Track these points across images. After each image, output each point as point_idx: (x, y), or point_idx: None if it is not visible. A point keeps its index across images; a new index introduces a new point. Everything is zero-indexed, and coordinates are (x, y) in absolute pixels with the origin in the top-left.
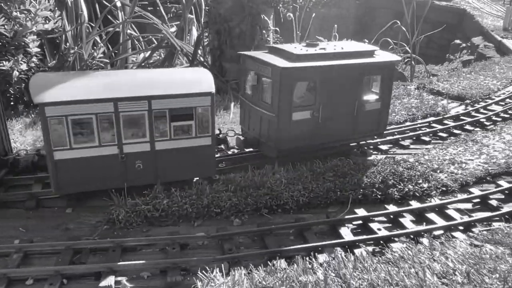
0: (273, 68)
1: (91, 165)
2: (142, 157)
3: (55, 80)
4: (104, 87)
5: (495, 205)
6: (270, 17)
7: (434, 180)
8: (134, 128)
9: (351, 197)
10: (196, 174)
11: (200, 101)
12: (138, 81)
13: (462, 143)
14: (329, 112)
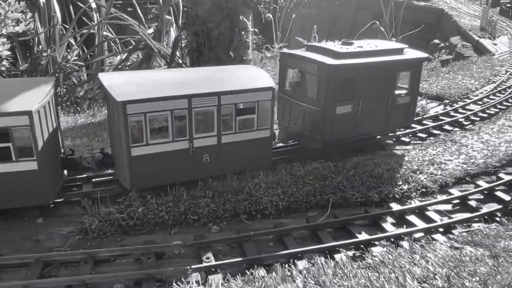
0: (320, 65)
1: (164, 160)
2: (210, 151)
3: (129, 78)
4: (178, 84)
5: (475, 206)
6: (249, 18)
7: (414, 182)
8: (204, 123)
9: (331, 200)
10: (254, 165)
11: (262, 96)
12: (208, 78)
13: (441, 144)
14: (368, 106)
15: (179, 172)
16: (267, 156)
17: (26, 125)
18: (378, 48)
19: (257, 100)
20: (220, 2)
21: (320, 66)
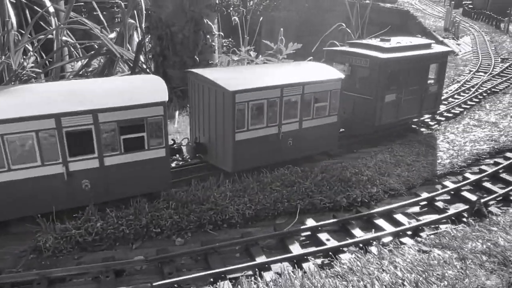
0: (372, 59)
1: (259, 144)
2: (293, 135)
3: (231, 73)
4: (271, 76)
5: (442, 207)
6: (214, 21)
7: (381, 184)
8: (289, 110)
9: (299, 206)
10: (324, 147)
11: (334, 85)
12: (293, 71)
13: (408, 144)
14: (407, 94)
15: (270, 155)
16: (334, 139)
17: (160, 115)
18: (413, 43)
19: (330, 90)
20: (184, 6)
21: (372, 60)
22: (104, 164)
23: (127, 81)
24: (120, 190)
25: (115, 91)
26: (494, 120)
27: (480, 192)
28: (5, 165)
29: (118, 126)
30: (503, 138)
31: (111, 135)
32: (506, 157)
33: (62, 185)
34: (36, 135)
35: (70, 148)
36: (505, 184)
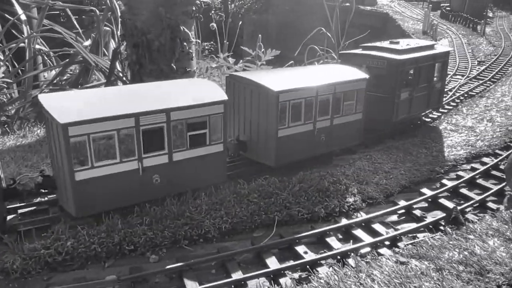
0: (389, 60)
1: (297, 140)
2: (325, 131)
3: (268, 74)
4: (308, 78)
5: (419, 215)
6: (191, 28)
7: (360, 193)
8: (323, 108)
9: (276, 218)
10: (350, 142)
11: (357, 85)
12: (324, 72)
13: (386, 151)
14: (418, 91)
15: (306, 149)
16: (360, 133)
17: (221, 113)
18: (419, 45)
19: (356, 89)
20: (160, 13)
21: (389, 61)
22: (172, 160)
23: (188, 83)
24: (183, 183)
25: (181, 91)
26: (471, 124)
27: (457, 198)
28: (89, 163)
29: (186, 124)
30: (479, 143)
31: (179, 132)
32: (482, 162)
33: (137, 180)
34: (117, 134)
35: (144, 145)
36: (482, 190)
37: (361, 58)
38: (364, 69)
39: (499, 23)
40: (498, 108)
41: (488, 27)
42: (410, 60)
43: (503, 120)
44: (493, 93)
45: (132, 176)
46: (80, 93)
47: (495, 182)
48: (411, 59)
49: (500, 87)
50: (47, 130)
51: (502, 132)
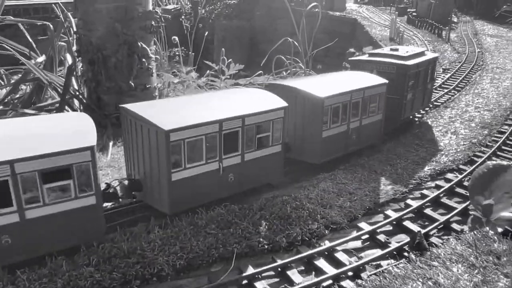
0: (398, 65)
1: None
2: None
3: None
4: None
5: (383, 241)
6: (150, 43)
7: (323, 218)
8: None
9: (235, 251)
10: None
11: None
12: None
13: (351, 169)
14: (417, 93)
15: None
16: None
17: (281, 117)
18: (416, 52)
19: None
20: (116, 28)
21: (398, 66)
22: (244, 160)
23: (246, 92)
24: (249, 181)
25: (248, 101)
26: (435, 137)
27: (421, 220)
28: (182, 165)
29: (256, 127)
30: (443, 158)
31: (250, 135)
32: (446, 179)
33: (217, 179)
34: (205, 138)
35: (224, 148)
36: (446, 210)
37: (371, 64)
38: (375, 73)
39: (463, 28)
40: (462, 119)
41: (453, 33)
42: (414, 65)
43: (467, 133)
44: (457, 103)
45: (214, 175)
46: (158, 103)
47: (460, 200)
48: (415, 64)
49: (464, 97)
50: (129, 138)
51: (466, 145)
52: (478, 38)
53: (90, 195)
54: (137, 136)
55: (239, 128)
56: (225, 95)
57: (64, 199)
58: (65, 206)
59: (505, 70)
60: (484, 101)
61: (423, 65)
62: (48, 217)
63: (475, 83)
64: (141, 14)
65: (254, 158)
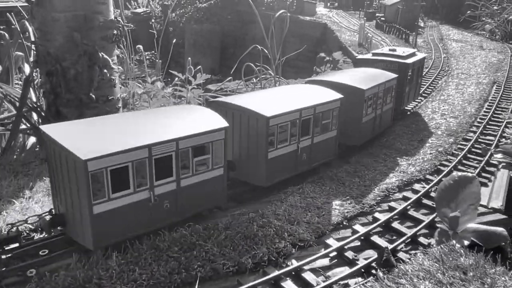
0: (400, 64)
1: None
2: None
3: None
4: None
5: (351, 258)
6: (113, 53)
7: (290, 235)
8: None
9: (199, 275)
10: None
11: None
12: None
13: (319, 182)
14: (411, 87)
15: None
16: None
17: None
18: (410, 52)
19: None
20: (75, 39)
21: (400, 64)
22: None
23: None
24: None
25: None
26: (403, 147)
27: (389, 234)
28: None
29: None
30: (411, 169)
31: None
32: (414, 190)
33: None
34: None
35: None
36: (414, 222)
37: (377, 63)
38: (381, 69)
39: (430, 33)
40: (428, 127)
41: (420, 38)
42: (411, 63)
43: (434, 141)
44: (424, 110)
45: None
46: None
47: (427, 211)
48: (412, 63)
49: (431, 103)
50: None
51: (433, 154)
52: (444, 43)
53: (220, 167)
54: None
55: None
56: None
57: (204, 170)
58: (204, 176)
59: (469, 75)
60: (450, 108)
61: (416, 64)
62: (194, 185)
63: (441, 89)
64: (102, 23)
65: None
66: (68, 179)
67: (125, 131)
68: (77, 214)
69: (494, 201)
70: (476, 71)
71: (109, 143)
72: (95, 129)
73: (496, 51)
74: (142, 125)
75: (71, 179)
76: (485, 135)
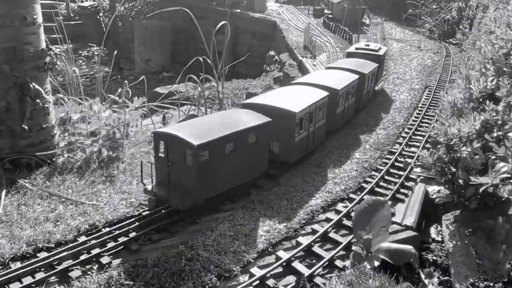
0: (376, 56)
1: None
2: None
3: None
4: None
5: (272, 286)
6: (46, 80)
7: (217, 267)
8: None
9: None
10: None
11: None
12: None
13: (249, 206)
14: (380, 71)
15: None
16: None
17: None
18: (379, 46)
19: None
20: (5, 71)
21: (376, 56)
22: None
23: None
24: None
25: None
26: (331, 164)
27: (310, 258)
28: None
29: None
30: (336, 188)
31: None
32: (336, 210)
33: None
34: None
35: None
36: (333, 245)
37: (358, 53)
38: (361, 57)
39: (374, 31)
40: (358, 140)
41: (363, 37)
42: (383, 54)
43: (361, 156)
44: (356, 120)
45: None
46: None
47: (346, 232)
48: (383, 54)
49: (363, 116)
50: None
51: (358, 171)
52: (386, 43)
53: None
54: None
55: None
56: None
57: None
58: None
59: (404, 80)
60: (380, 119)
61: (384, 55)
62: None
63: (374, 97)
64: (32, 54)
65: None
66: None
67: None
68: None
69: (408, 218)
70: (411, 75)
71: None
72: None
73: (432, 52)
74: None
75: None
76: (410, 147)
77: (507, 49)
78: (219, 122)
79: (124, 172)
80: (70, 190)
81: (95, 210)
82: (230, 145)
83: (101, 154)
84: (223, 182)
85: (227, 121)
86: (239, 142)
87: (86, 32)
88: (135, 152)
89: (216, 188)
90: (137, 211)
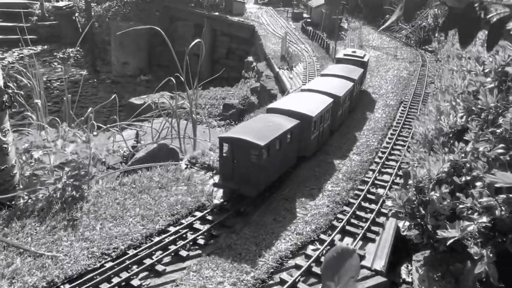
0: (361, 62)
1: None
2: None
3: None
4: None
5: None
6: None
7: None
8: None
9: None
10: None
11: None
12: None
13: (217, 253)
14: (363, 76)
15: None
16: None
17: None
18: (364, 53)
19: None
20: None
21: (362, 62)
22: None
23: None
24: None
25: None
26: (302, 198)
27: None
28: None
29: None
30: (306, 228)
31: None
32: (306, 255)
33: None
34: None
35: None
36: None
37: (345, 59)
38: (348, 64)
39: (352, 37)
40: (330, 170)
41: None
42: (367, 61)
43: (333, 188)
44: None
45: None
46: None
47: (315, 280)
48: (367, 61)
49: (337, 139)
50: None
51: (330, 207)
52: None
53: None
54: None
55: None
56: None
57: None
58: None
59: (379, 95)
60: (353, 143)
61: (368, 61)
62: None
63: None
64: None
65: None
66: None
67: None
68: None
69: (378, 261)
70: (386, 89)
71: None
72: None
73: (408, 61)
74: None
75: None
76: (382, 174)
77: (476, 87)
78: (264, 126)
79: (88, 213)
80: (30, 239)
81: (54, 263)
82: (278, 144)
83: (65, 192)
84: (274, 173)
85: (269, 124)
86: (283, 141)
87: (61, 33)
88: (100, 189)
89: (270, 177)
90: (99, 263)
